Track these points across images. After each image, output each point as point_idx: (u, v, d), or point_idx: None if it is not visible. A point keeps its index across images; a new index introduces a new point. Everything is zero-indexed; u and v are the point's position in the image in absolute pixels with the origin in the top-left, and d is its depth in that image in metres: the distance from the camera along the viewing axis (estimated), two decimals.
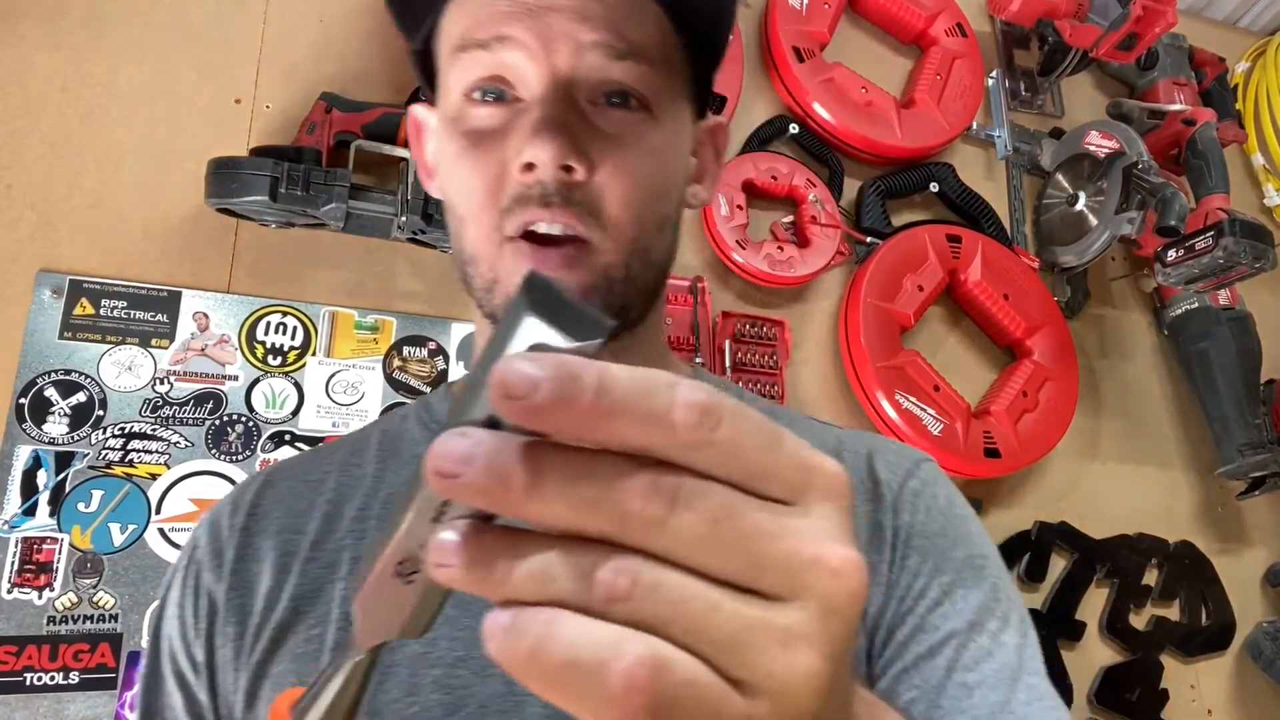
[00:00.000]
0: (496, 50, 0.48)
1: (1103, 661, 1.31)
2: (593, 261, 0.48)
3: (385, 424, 0.61)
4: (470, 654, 0.47)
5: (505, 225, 0.48)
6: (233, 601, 0.52)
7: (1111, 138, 1.39)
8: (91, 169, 1.01)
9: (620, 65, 0.48)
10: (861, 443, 0.57)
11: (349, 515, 0.54)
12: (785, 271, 1.23)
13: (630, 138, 0.49)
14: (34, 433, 0.94)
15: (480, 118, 0.49)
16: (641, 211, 0.49)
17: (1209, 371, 1.41)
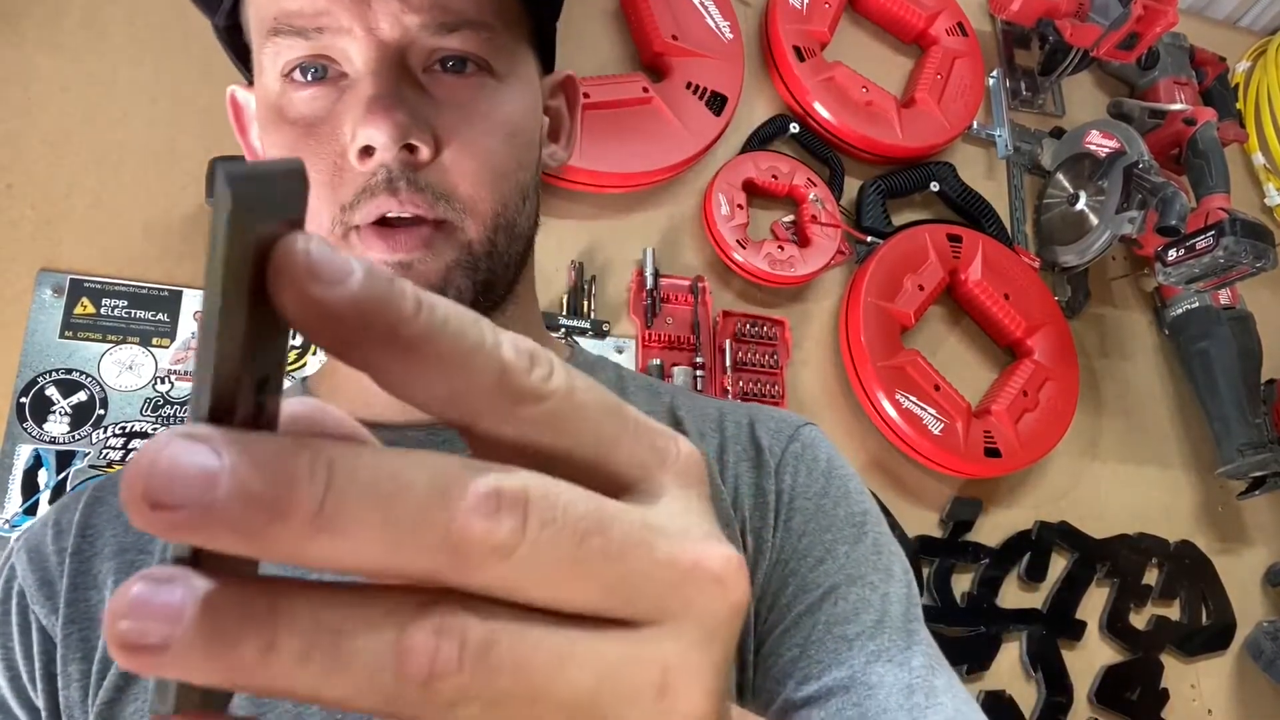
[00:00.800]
0: (315, 40, 0.44)
1: (1103, 661, 1.31)
2: (454, 240, 0.44)
3: None
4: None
5: (350, 218, 0.44)
6: (72, 636, 0.46)
7: (1112, 137, 1.39)
8: (92, 168, 1.01)
9: (453, 37, 0.44)
10: (742, 412, 0.56)
11: None
12: (786, 271, 1.23)
13: (474, 104, 0.45)
14: (35, 432, 0.94)
15: (303, 101, 0.44)
16: (499, 185, 0.46)
17: (1209, 371, 1.41)
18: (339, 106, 0.44)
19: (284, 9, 0.44)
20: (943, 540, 1.26)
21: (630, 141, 1.17)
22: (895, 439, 1.23)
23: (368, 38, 0.43)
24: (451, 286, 0.44)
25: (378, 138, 0.41)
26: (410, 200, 0.43)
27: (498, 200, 0.46)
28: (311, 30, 0.43)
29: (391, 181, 0.43)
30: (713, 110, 1.23)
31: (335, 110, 0.44)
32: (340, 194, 0.43)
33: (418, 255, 0.43)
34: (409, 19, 0.43)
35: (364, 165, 0.43)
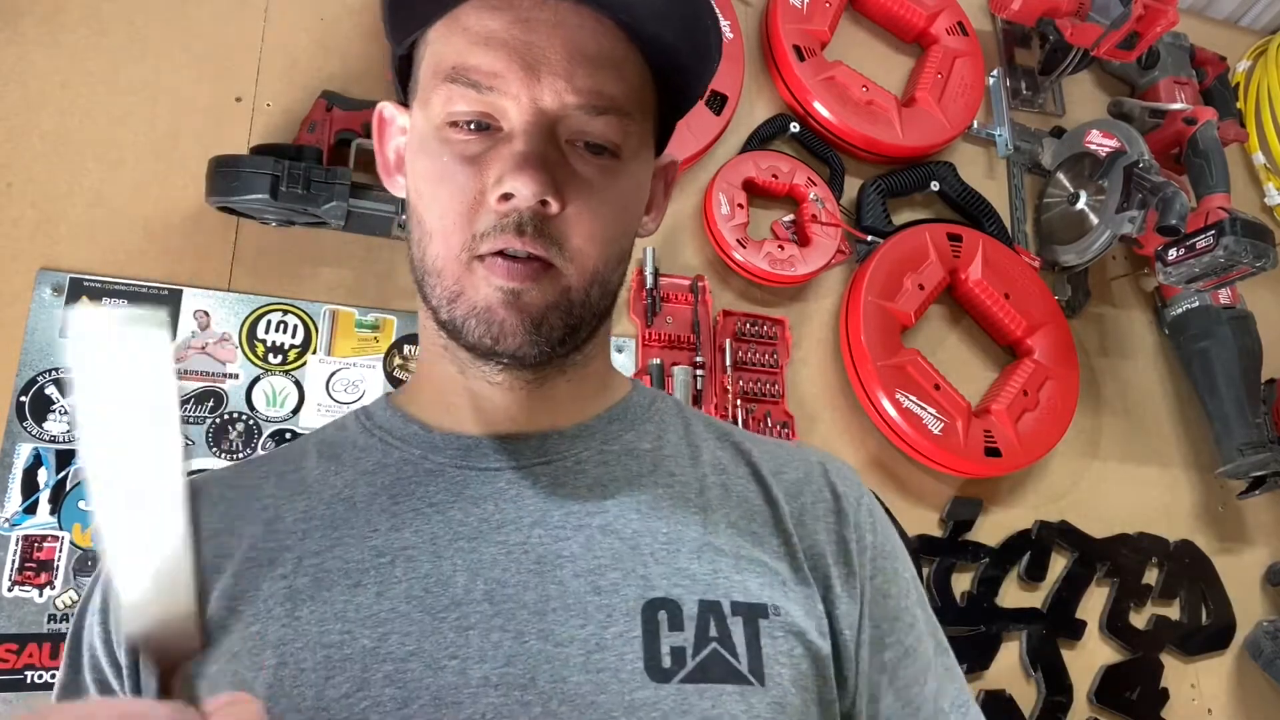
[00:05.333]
0: (486, 94, 0.51)
1: (1103, 660, 1.31)
2: (556, 281, 0.51)
3: (321, 434, 0.62)
4: (421, 647, 0.47)
5: (478, 247, 0.50)
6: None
7: (1112, 136, 1.39)
8: (92, 167, 1.01)
9: (600, 120, 0.52)
10: (811, 454, 0.62)
11: (291, 517, 0.54)
12: (786, 270, 1.23)
13: (600, 182, 0.52)
14: (35, 430, 0.94)
15: (460, 143, 0.51)
16: (604, 247, 0.53)
17: (1209, 371, 1.41)
18: (490, 153, 0.51)
19: (465, 62, 0.51)
20: (943, 540, 1.26)
21: None
22: (895, 438, 1.23)
23: (530, 105, 0.50)
24: (546, 322, 0.51)
25: (522, 190, 0.49)
26: (531, 243, 0.50)
27: (600, 258, 0.53)
28: (484, 87, 0.50)
29: (521, 225, 0.50)
30: (713, 110, 1.23)
31: (485, 155, 0.51)
32: (475, 224, 0.50)
33: (527, 287, 0.50)
34: (569, 98, 0.50)
35: (500, 206, 0.50)
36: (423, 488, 0.54)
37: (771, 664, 0.50)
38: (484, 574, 0.50)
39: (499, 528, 0.52)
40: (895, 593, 0.57)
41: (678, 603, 0.50)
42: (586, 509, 0.53)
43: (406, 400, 0.61)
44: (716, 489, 0.57)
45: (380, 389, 1.07)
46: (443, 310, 0.52)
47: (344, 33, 1.14)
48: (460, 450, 0.55)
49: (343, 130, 1.04)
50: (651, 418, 0.60)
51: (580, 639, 0.48)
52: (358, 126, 1.05)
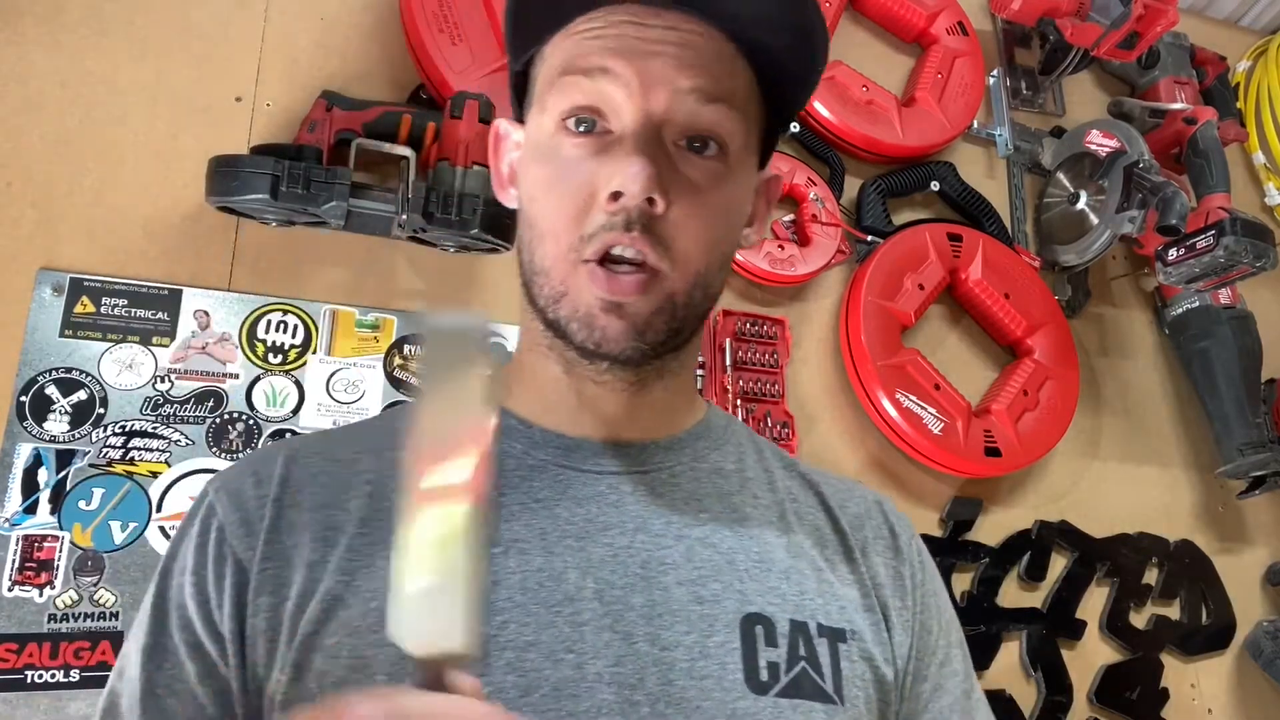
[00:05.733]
0: (598, 79, 0.52)
1: (1103, 660, 1.31)
2: (660, 288, 0.52)
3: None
4: (539, 638, 0.49)
5: (585, 249, 0.51)
6: (267, 572, 0.52)
7: (1112, 136, 1.39)
8: (92, 167, 1.01)
9: (710, 108, 0.53)
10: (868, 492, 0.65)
11: (397, 504, 0.55)
12: (786, 270, 1.23)
13: (706, 182, 0.53)
14: (35, 431, 0.94)
15: (571, 148, 0.53)
16: (708, 249, 0.54)
17: (1210, 370, 1.41)
18: (599, 156, 0.52)
19: (575, 54, 0.53)
20: (943, 539, 1.26)
21: None
22: (895, 438, 1.23)
23: (640, 103, 0.52)
24: (651, 329, 0.52)
25: (630, 187, 0.50)
26: (637, 240, 0.51)
27: (703, 261, 0.54)
28: (595, 71, 0.52)
29: (629, 223, 0.51)
30: None
31: (596, 159, 0.52)
32: (583, 225, 0.52)
33: (631, 299, 0.51)
34: (682, 81, 0.52)
35: (610, 206, 0.51)
36: (527, 483, 0.56)
37: (850, 685, 0.52)
38: (593, 573, 0.52)
39: (604, 530, 0.54)
40: (936, 629, 0.60)
41: (772, 620, 0.52)
42: (684, 520, 0.56)
43: (509, 392, 0.62)
44: (792, 515, 0.59)
45: (380, 389, 1.07)
46: (549, 310, 0.54)
47: (344, 33, 1.14)
48: (562, 450, 0.57)
49: (343, 130, 1.04)
50: (730, 439, 0.62)
51: (685, 645, 0.50)
52: (358, 126, 1.05)
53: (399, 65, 1.14)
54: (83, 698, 0.89)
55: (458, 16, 1.10)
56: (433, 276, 1.12)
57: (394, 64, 1.14)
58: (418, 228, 1.02)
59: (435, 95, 1.12)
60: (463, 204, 1.01)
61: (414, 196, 1.00)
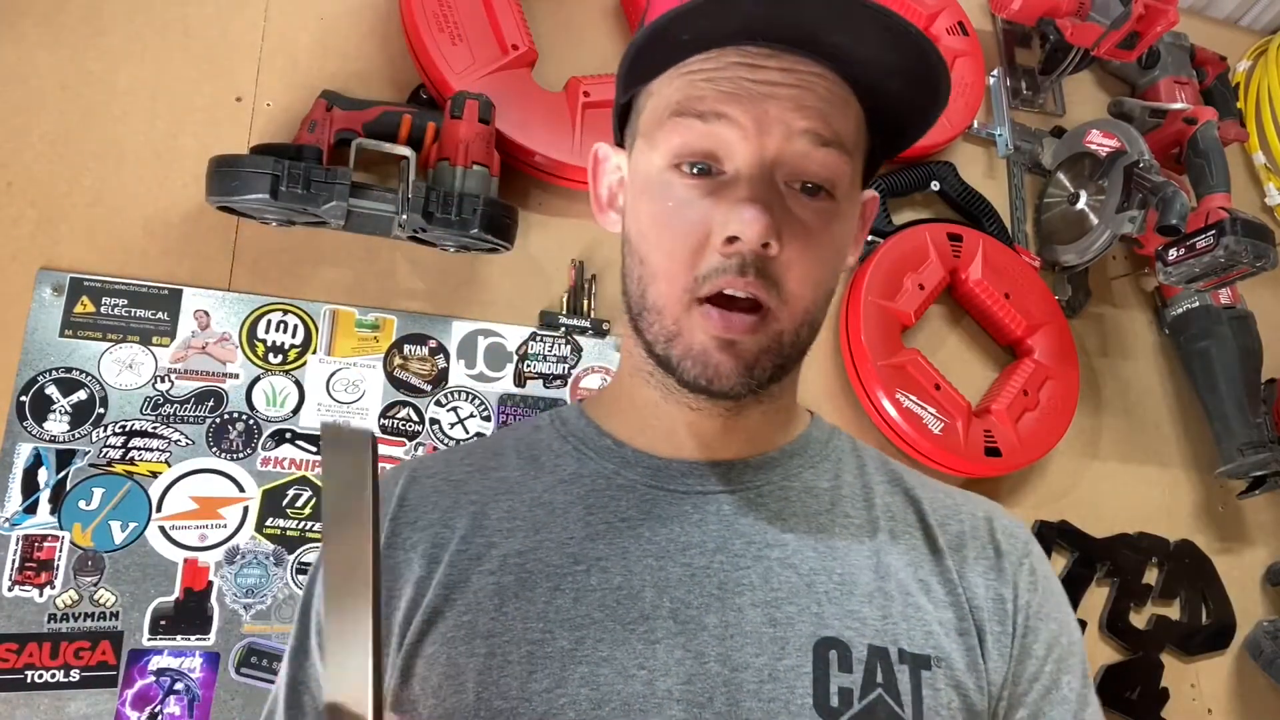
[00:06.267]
0: (712, 123, 0.52)
1: (1103, 660, 1.31)
2: (770, 327, 0.53)
3: (518, 432, 0.65)
4: (614, 654, 0.51)
5: (699, 289, 0.52)
6: (383, 585, 0.56)
7: (1113, 136, 1.39)
8: (92, 166, 1.01)
9: (822, 152, 0.53)
10: (978, 506, 0.64)
11: (495, 515, 0.58)
12: None
13: (816, 224, 0.54)
14: (35, 430, 0.94)
15: (685, 187, 0.54)
16: (816, 289, 0.55)
17: (1210, 370, 1.41)
18: (713, 198, 0.53)
19: (692, 97, 0.53)
20: None
21: None
22: (895, 438, 1.23)
23: (755, 146, 0.52)
24: (759, 366, 0.54)
25: (747, 233, 0.50)
26: (751, 283, 0.52)
27: (811, 301, 0.55)
28: (711, 115, 0.52)
29: (743, 267, 0.52)
30: None
31: (709, 201, 0.53)
32: (697, 267, 0.52)
33: (743, 338, 0.52)
34: (798, 123, 0.52)
35: (725, 249, 0.52)
36: (615, 502, 0.57)
37: (931, 716, 0.51)
38: (670, 592, 0.53)
39: (684, 549, 0.55)
40: (1041, 654, 0.57)
41: (848, 644, 0.52)
42: (766, 540, 0.56)
43: (601, 413, 0.64)
44: (886, 534, 0.58)
45: (380, 389, 1.07)
46: (658, 346, 0.55)
47: (344, 33, 1.14)
48: (651, 470, 0.59)
49: (343, 130, 1.04)
50: (829, 455, 0.63)
51: (755, 667, 0.51)
52: (358, 126, 1.05)
53: (399, 65, 1.14)
54: (83, 698, 0.89)
55: (458, 16, 1.10)
56: (433, 276, 1.12)
57: (394, 64, 1.14)
58: (418, 228, 1.02)
59: (435, 95, 1.12)
60: (463, 204, 1.01)
61: (414, 196, 1.00)
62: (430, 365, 1.09)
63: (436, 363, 1.10)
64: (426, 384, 1.09)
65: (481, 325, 1.13)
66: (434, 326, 1.10)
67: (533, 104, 1.12)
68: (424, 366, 1.09)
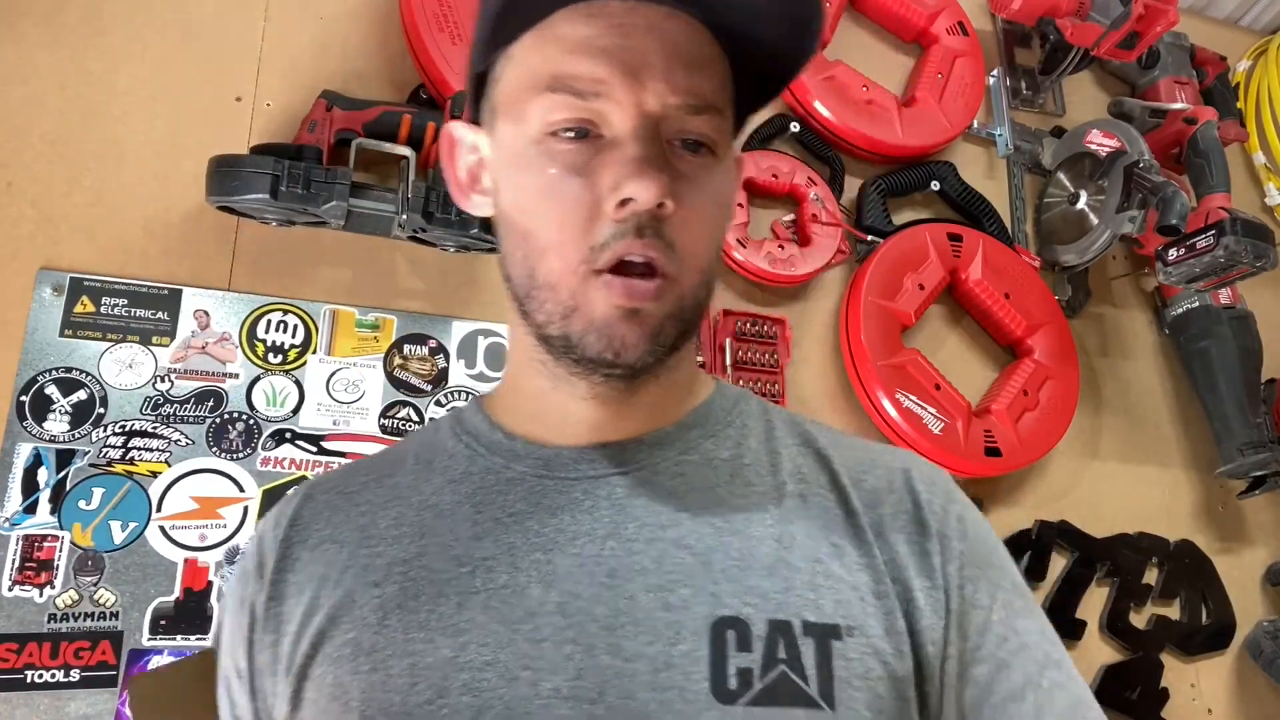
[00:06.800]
0: (591, 101, 0.50)
1: (1103, 660, 1.31)
2: (673, 291, 0.51)
3: (421, 436, 0.63)
4: (497, 658, 0.48)
5: (597, 259, 0.50)
6: (271, 610, 0.55)
7: (1113, 136, 1.39)
8: (92, 166, 1.01)
9: (698, 118, 0.52)
10: (895, 459, 0.59)
11: (383, 524, 0.56)
12: (786, 270, 1.23)
13: (702, 179, 0.52)
14: (35, 430, 0.94)
15: (566, 153, 0.51)
16: (710, 245, 0.54)
17: (1210, 370, 1.41)
18: (596, 160, 0.50)
19: (565, 71, 0.51)
20: None
21: None
22: (895, 438, 1.23)
23: (635, 109, 0.50)
24: (664, 332, 0.51)
25: (642, 194, 0.48)
26: (650, 246, 0.50)
27: (706, 257, 0.53)
28: (589, 94, 0.50)
29: (640, 229, 0.49)
30: None
31: (593, 164, 0.50)
32: (593, 235, 0.50)
33: (647, 305, 0.50)
34: (671, 99, 0.51)
35: (618, 213, 0.49)
36: (503, 497, 0.55)
37: (843, 687, 0.48)
38: (558, 586, 0.51)
39: (574, 539, 0.52)
40: (986, 603, 0.54)
41: (747, 622, 0.49)
42: (660, 521, 0.53)
43: (496, 406, 0.61)
44: (794, 499, 0.55)
45: (380, 389, 1.07)
46: (553, 325, 0.52)
47: (344, 33, 1.14)
48: (541, 460, 0.56)
49: (343, 130, 1.04)
50: (733, 422, 0.59)
51: (648, 656, 0.48)
52: (358, 126, 1.05)
53: (399, 65, 1.14)
54: (82, 698, 0.89)
55: (458, 16, 1.10)
56: (433, 276, 1.12)
57: (394, 64, 1.14)
58: (418, 228, 1.02)
59: (435, 95, 1.12)
60: None
61: (414, 196, 1.00)
62: (430, 365, 1.09)
63: (436, 362, 1.10)
64: (427, 384, 1.09)
65: (481, 325, 1.13)
66: (434, 326, 1.10)
67: None
68: (424, 366, 1.09)
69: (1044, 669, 0.52)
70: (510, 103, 0.53)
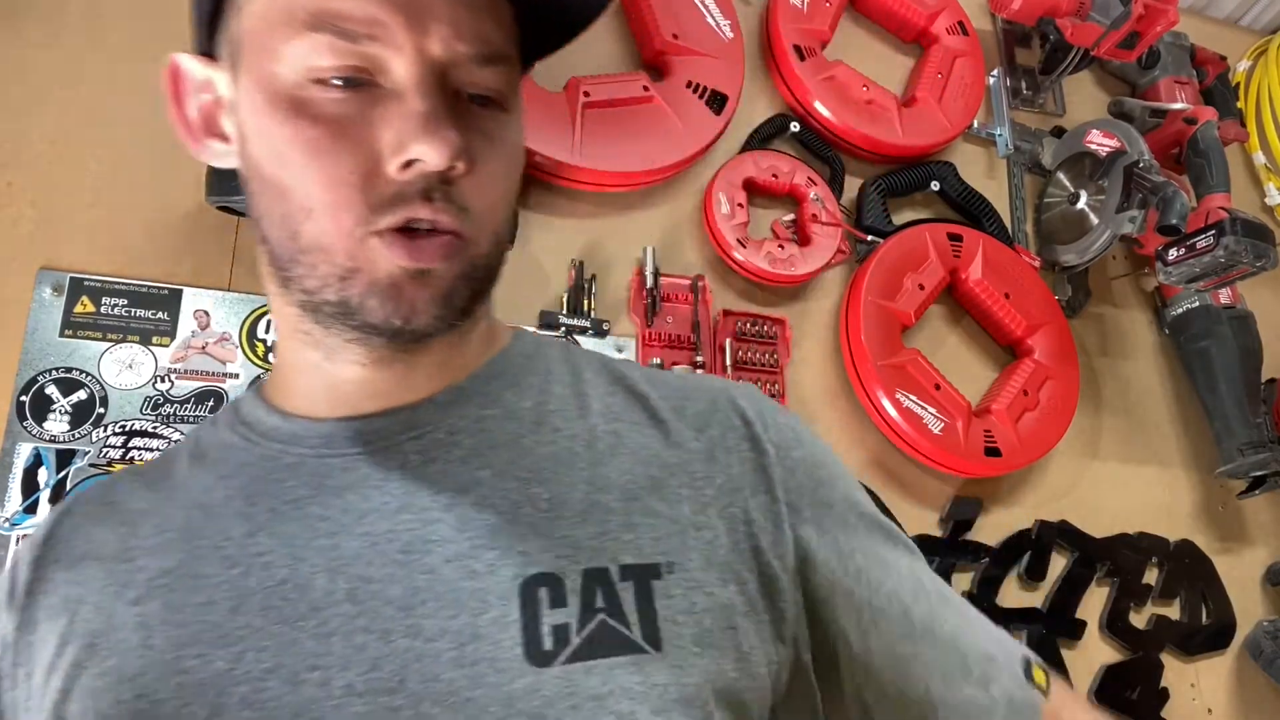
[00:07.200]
0: (363, 45, 0.44)
1: (1103, 660, 1.31)
2: (466, 253, 0.47)
3: (197, 433, 0.57)
4: (280, 662, 0.44)
5: (375, 221, 0.45)
6: (22, 640, 0.49)
7: (1113, 136, 1.39)
8: (92, 166, 1.01)
9: (488, 70, 0.47)
10: (714, 383, 0.57)
11: (145, 533, 0.50)
12: (786, 270, 1.23)
13: (494, 133, 0.48)
14: (35, 430, 0.94)
15: (332, 103, 0.45)
16: (504, 206, 0.50)
17: (1210, 370, 1.41)
18: (374, 113, 0.45)
19: (329, 8, 0.44)
20: (943, 540, 1.26)
21: (631, 140, 1.16)
22: (895, 438, 1.23)
23: (418, 56, 0.44)
24: (457, 294, 0.47)
25: (432, 156, 0.43)
26: (440, 210, 0.45)
27: (501, 218, 0.50)
28: (361, 36, 0.44)
29: (427, 191, 0.45)
30: (713, 109, 1.23)
31: (369, 116, 0.45)
32: (370, 198, 0.45)
33: (437, 266, 0.46)
34: (458, 47, 0.45)
35: (403, 174, 0.44)
36: (281, 485, 0.50)
37: (668, 626, 0.45)
38: (345, 571, 0.46)
39: (361, 518, 0.47)
40: (837, 499, 0.54)
41: (559, 575, 0.45)
42: (459, 484, 0.48)
43: (273, 389, 0.55)
44: (608, 438, 0.51)
45: None
46: (328, 290, 0.46)
47: None
48: (322, 438, 0.51)
49: None
50: (536, 369, 0.55)
51: (452, 631, 0.44)
52: None
53: None
54: None
55: None
56: None
57: None
58: None
59: None
60: None
61: None
62: None
63: None
64: None
65: None
66: None
67: (533, 104, 1.12)
68: None
69: (889, 549, 0.55)
70: (259, 39, 0.46)
